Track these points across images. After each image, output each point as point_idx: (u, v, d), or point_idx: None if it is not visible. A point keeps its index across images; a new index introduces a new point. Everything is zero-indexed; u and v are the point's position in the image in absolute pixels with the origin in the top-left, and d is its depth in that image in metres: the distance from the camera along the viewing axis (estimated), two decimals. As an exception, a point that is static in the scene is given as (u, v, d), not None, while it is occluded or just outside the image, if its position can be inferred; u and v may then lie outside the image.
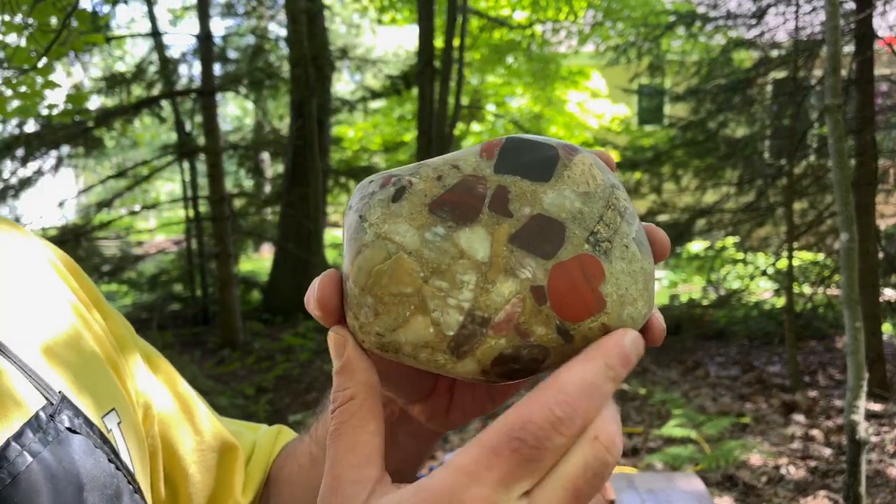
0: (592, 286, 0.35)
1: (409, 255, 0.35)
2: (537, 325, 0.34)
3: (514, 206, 0.35)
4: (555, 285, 0.34)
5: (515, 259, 0.34)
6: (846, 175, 2.63)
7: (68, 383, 0.47)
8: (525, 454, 0.31)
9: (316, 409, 0.62)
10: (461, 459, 0.32)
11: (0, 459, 0.39)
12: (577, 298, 0.34)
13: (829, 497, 3.34)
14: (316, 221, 6.86)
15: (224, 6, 9.24)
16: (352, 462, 0.35)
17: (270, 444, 0.68)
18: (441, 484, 0.31)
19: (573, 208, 0.36)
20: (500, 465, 0.31)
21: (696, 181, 6.69)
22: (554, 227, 0.35)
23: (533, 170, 0.37)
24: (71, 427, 0.44)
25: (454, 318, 0.34)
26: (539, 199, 0.36)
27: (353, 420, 0.36)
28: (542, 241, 0.35)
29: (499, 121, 10.10)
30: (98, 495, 0.43)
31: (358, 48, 18.53)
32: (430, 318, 0.34)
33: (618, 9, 8.38)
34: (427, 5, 6.31)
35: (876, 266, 4.78)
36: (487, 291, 0.34)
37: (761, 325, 6.64)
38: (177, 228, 9.92)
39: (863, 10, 4.61)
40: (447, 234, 0.35)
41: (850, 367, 2.61)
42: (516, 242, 0.35)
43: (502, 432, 0.31)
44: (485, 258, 0.34)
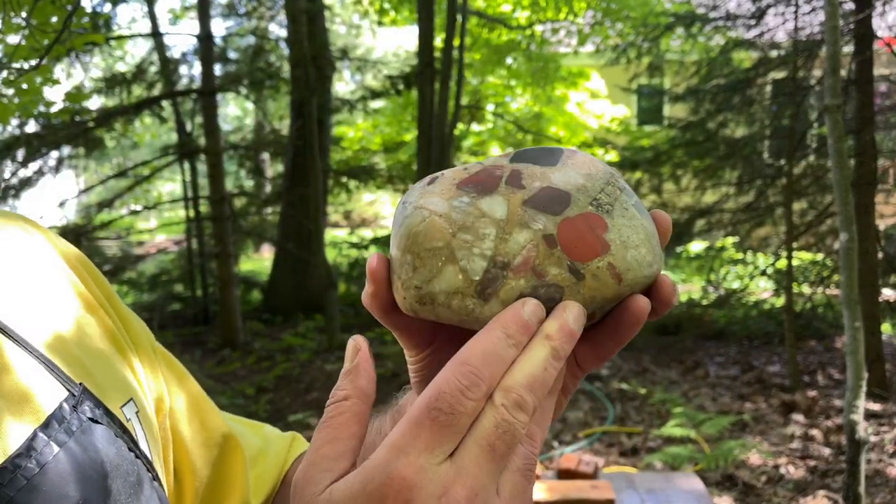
0: (597, 234, 0.40)
1: (439, 217, 0.41)
2: (551, 265, 0.40)
3: (527, 181, 0.42)
4: (564, 233, 0.40)
5: (528, 216, 0.40)
6: (846, 175, 2.64)
7: (86, 375, 0.49)
8: (442, 421, 0.35)
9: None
10: (391, 436, 0.35)
11: (28, 450, 0.40)
12: (584, 242, 0.40)
13: (829, 497, 3.34)
14: (316, 221, 6.86)
15: (224, 7, 9.24)
16: (327, 453, 0.38)
17: (285, 450, 0.69)
18: (376, 460, 0.35)
19: (577, 183, 0.42)
20: (422, 435, 0.35)
21: (695, 181, 6.69)
22: (561, 195, 0.41)
23: (542, 159, 0.44)
24: (93, 417, 0.45)
25: (478, 264, 0.40)
26: (548, 177, 0.42)
27: (341, 418, 0.39)
28: (551, 203, 0.41)
29: (499, 121, 10.10)
30: (121, 483, 0.45)
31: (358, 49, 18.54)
32: (458, 267, 0.40)
33: (617, 9, 8.38)
34: (427, 6, 6.32)
35: (875, 266, 4.78)
36: (506, 241, 0.40)
37: (761, 325, 6.64)
38: (177, 228, 9.93)
39: (862, 10, 4.61)
40: (471, 202, 0.41)
41: (849, 367, 2.62)
42: (529, 205, 0.41)
43: (422, 405, 0.35)
44: (503, 216, 0.40)
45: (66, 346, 0.49)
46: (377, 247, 9.29)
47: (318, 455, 0.38)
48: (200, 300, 8.41)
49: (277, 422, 4.87)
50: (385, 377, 5.70)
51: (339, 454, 0.38)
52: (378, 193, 13.42)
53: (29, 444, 0.40)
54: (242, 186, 10.70)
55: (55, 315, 0.50)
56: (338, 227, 14.16)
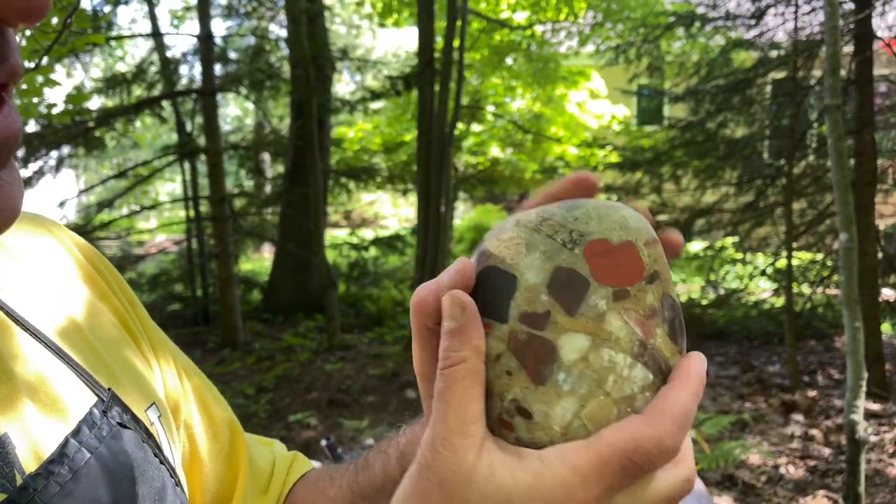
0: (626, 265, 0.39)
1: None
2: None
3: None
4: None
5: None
6: (845, 175, 2.64)
7: (114, 379, 0.49)
8: (630, 472, 0.35)
9: (357, 462, 0.64)
10: (576, 459, 0.35)
11: (61, 456, 0.41)
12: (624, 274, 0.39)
13: (829, 497, 3.34)
14: (316, 221, 6.86)
15: (225, 7, 9.24)
16: (463, 418, 0.36)
17: (284, 469, 0.69)
18: (557, 476, 0.35)
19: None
20: (608, 477, 0.35)
21: (695, 181, 6.69)
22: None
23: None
24: (121, 422, 0.46)
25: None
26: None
27: (465, 381, 0.37)
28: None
29: (499, 121, 10.10)
30: (147, 488, 0.45)
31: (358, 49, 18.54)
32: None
33: (617, 9, 8.38)
34: (427, 7, 6.32)
35: (875, 266, 4.78)
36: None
37: (761, 325, 6.64)
38: (177, 228, 9.93)
39: (862, 10, 4.61)
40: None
41: (849, 367, 2.62)
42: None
43: (615, 449, 0.35)
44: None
45: (94, 350, 0.50)
46: (377, 247, 9.29)
47: (451, 423, 0.36)
48: (200, 300, 8.41)
49: (277, 422, 4.87)
50: (385, 377, 5.70)
51: (473, 418, 0.37)
52: (378, 194, 13.42)
53: (61, 450, 0.41)
54: (242, 186, 10.71)
55: (82, 318, 0.51)
56: (338, 227, 14.17)
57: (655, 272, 0.39)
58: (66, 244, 0.55)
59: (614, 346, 0.36)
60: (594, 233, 0.38)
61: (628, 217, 0.39)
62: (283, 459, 0.70)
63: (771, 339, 6.45)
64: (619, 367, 0.36)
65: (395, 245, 9.11)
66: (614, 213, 0.39)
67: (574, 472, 0.35)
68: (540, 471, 0.35)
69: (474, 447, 0.36)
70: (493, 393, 0.38)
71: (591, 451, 0.35)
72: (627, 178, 7.47)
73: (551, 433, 0.37)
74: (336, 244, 9.61)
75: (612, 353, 0.36)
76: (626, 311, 0.37)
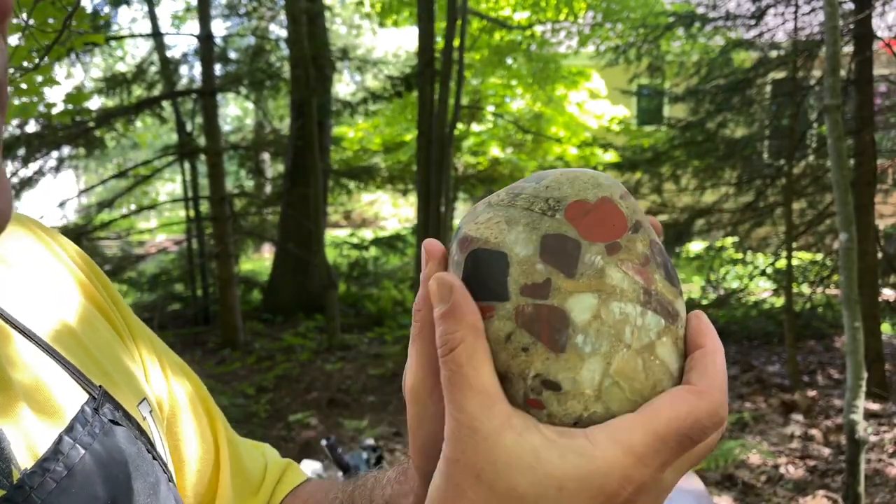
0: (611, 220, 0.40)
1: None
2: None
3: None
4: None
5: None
6: (845, 175, 2.64)
7: (104, 376, 0.50)
8: (686, 447, 0.35)
9: (354, 479, 0.62)
10: (630, 438, 0.34)
11: (56, 453, 0.41)
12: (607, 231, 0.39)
13: (829, 496, 3.34)
14: (316, 221, 6.86)
15: (225, 7, 9.24)
16: (483, 402, 0.34)
17: (276, 476, 0.68)
18: (610, 457, 0.34)
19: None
20: (665, 453, 0.34)
21: (695, 181, 6.69)
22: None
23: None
24: (113, 419, 0.46)
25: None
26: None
27: (472, 362, 0.35)
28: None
29: (499, 121, 10.10)
30: (142, 483, 0.46)
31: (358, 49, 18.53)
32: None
33: (617, 10, 8.38)
34: (427, 6, 6.32)
35: (875, 266, 4.78)
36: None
37: (760, 325, 6.64)
38: (177, 228, 9.94)
39: (862, 10, 4.62)
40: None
41: (849, 367, 2.62)
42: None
43: (674, 427, 0.34)
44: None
45: (84, 348, 0.50)
46: (377, 247, 9.30)
47: (472, 409, 0.34)
48: (200, 300, 8.41)
49: (277, 422, 4.87)
50: (385, 377, 5.70)
51: (494, 398, 0.35)
52: (378, 193, 13.42)
53: (56, 447, 0.41)
54: (242, 186, 10.70)
55: (71, 317, 0.51)
56: (338, 227, 14.17)
57: (637, 221, 0.39)
58: (49, 245, 0.55)
59: (621, 298, 0.36)
60: (569, 196, 0.38)
61: (597, 175, 0.39)
62: (276, 465, 0.69)
63: (771, 339, 6.45)
64: (632, 318, 0.36)
65: (395, 245, 9.12)
66: (582, 174, 0.39)
67: (629, 453, 0.34)
68: (590, 452, 0.34)
69: (507, 428, 0.34)
70: (512, 375, 0.36)
71: (648, 429, 0.34)
72: (627, 178, 7.47)
73: (584, 399, 0.35)
74: (336, 244, 9.61)
75: (621, 306, 0.36)
76: (622, 262, 0.37)
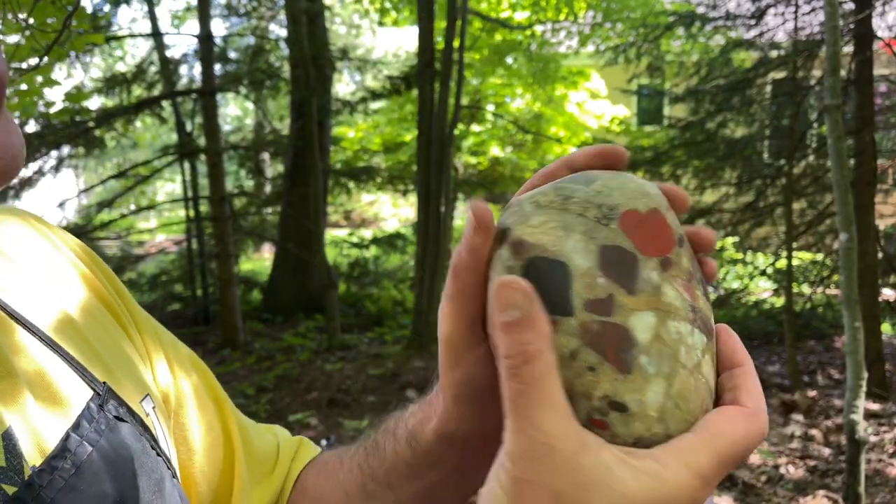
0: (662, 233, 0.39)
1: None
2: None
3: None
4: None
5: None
6: (845, 175, 2.64)
7: (108, 372, 0.49)
8: (731, 467, 0.35)
9: (366, 443, 0.60)
10: (697, 461, 0.34)
11: (63, 451, 0.41)
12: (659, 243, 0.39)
13: (829, 496, 3.34)
14: (316, 221, 6.86)
15: (225, 7, 9.24)
16: (561, 420, 0.33)
17: (290, 454, 0.67)
18: (682, 480, 0.34)
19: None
20: (720, 472, 0.35)
21: (695, 181, 6.69)
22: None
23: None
24: (118, 415, 0.46)
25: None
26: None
27: (549, 377, 0.33)
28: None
29: (499, 121, 10.10)
30: (147, 480, 0.45)
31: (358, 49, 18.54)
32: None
33: (617, 9, 8.38)
34: (427, 6, 6.32)
35: (875, 266, 4.78)
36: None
37: (761, 325, 6.64)
38: (177, 228, 9.94)
39: (862, 10, 4.61)
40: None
41: (849, 367, 2.62)
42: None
43: (733, 449, 0.35)
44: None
45: (87, 342, 0.50)
46: (377, 247, 9.29)
47: (547, 427, 0.33)
48: (200, 300, 8.41)
49: (277, 422, 4.86)
50: (385, 377, 5.70)
51: (568, 416, 0.34)
52: (378, 194, 13.42)
53: (63, 444, 0.41)
54: (242, 186, 10.70)
55: (74, 310, 0.51)
56: (338, 227, 14.17)
57: (682, 235, 0.38)
58: (51, 238, 0.55)
59: (675, 317, 0.35)
60: (621, 204, 0.36)
61: (643, 184, 0.38)
62: (289, 443, 0.68)
63: (771, 339, 6.45)
64: (685, 337, 0.35)
65: (395, 244, 9.12)
66: (628, 182, 0.38)
67: (697, 476, 0.34)
68: (662, 474, 0.33)
69: (586, 448, 0.33)
70: (576, 394, 0.35)
71: (712, 452, 0.34)
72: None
73: (648, 421, 0.35)
74: (336, 244, 9.61)
75: (676, 325, 0.35)
76: (673, 278, 0.36)
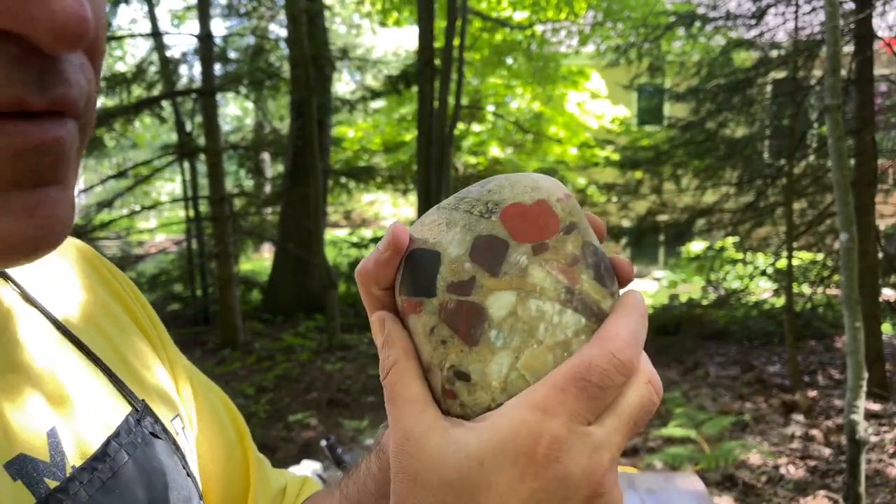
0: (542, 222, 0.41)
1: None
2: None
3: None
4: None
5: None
6: (846, 175, 2.64)
7: (145, 391, 0.52)
8: (591, 392, 0.35)
9: (349, 470, 0.64)
10: (531, 397, 0.35)
11: (103, 455, 0.44)
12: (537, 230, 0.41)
13: (829, 497, 3.34)
14: (316, 221, 6.86)
15: (225, 7, 9.24)
16: (413, 410, 0.38)
17: (296, 489, 0.71)
18: (515, 419, 0.35)
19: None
20: (569, 402, 0.35)
21: (695, 181, 6.69)
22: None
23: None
24: (153, 432, 0.49)
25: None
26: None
27: (404, 380, 0.39)
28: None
29: (499, 121, 10.09)
30: (177, 495, 0.48)
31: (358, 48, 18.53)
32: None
33: (618, 9, 8.38)
34: (427, 6, 6.31)
35: (875, 266, 4.78)
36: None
37: (761, 325, 6.64)
38: (177, 228, 9.93)
39: (862, 10, 4.61)
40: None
41: (849, 367, 2.62)
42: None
43: (569, 374, 0.35)
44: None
45: (126, 361, 0.52)
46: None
47: (404, 418, 0.38)
48: (200, 300, 8.41)
49: (277, 422, 4.87)
50: (379, 377, 5.70)
51: (422, 406, 0.38)
52: (378, 193, 13.42)
53: (104, 449, 0.44)
54: (242, 186, 10.70)
55: (117, 334, 0.54)
56: (338, 227, 14.17)
57: (572, 223, 0.40)
58: (100, 271, 0.58)
59: (540, 296, 0.37)
60: (508, 199, 0.39)
61: (538, 179, 0.40)
62: (295, 481, 0.73)
63: (771, 339, 6.45)
64: (549, 315, 0.37)
65: (395, 244, 9.10)
66: (525, 178, 0.40)
67: (532, 409, 0.35)
68: (499, 423, 0.35)
69: (434, 429, 0.36)
70: (433, 366, 0.39)
71: (545, 384, 0.35)
72: (628, 177, 7.47)
73: (491, 390, 0.37)
74: (336, 244, 9.61)
75: (539, 303, 0.37)
76: (546, 262, 0.38)
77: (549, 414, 0.34)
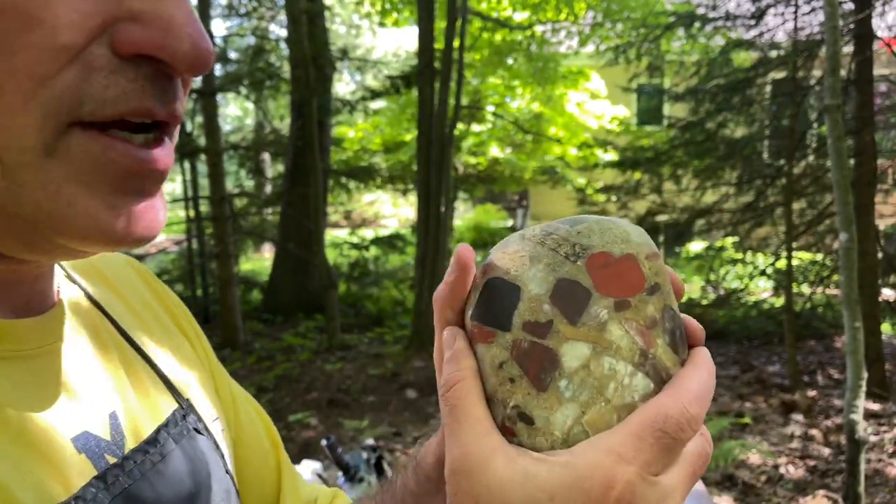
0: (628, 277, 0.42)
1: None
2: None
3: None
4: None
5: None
6: (845, 175, 2.64)
7: (190, 392, 0.56)
8: (665, 443, 0.36)
9: (383, 485, 0.64)
10: (608, 441, 0.36)
11: (155, 440, 0.48)
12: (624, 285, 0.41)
13: (829, 496, 3.34)
14: (316, 221, 6.86)
15: (225, 7, 9.24)
16: (477, 432, 0.38)
17: (328, 501, 0.73)
18: (592, 460, 0.36)
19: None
20: (644, 451, 0.36)
21: (695, 181, 6.69)
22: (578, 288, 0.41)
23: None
24: (196, 428, 0.53)
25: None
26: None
27: (469, 398, 0.39)
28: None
29: (499, 121, 10.10)
30: (219, 486, 0.52)
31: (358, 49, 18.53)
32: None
33: (617, 10, 8.38)
34: (427, 6, 6.31)
35: (875, 266, 4.78)
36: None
37: (760, 325, 6.64)
38: (177, 228, 9.93)
39: (862, 10, 4.62)
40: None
41: (849, 367, 2.62)
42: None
43: (646, 423, 0.36)
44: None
45: (174, 364, 0.57)
46: (377, 247, 9.29)
47: (467, 438, 0.38)
48: (200, 300, 8.41)
49: (277, 422, 4.87)
50: (385, 377, 5.70)
51: (487, 429, 0.38)
52: (378, 193, 13.42)
53: (155, 435, 0.49)
54: (242, 186, 10.70)
55: (166, 340, 0.58)
56: (338, 227, 14.16)
57: (656, 284, 0.39)
58: (151, 285, 0.63)
59: (615, 355, 0.37)
60: (596, 246, 0.39)
61: (630, 231, 0.40)
62: (327, 493, 0.74)
63: (771, 339, 6.45)
64: (620, 375, 0.37)
65: (395, 244, 9.12)
66: (616, 227, 0.40)
67: (609, 453, 0.36)
68: (573, 461, 0.36)
69: (499, 453, 0.37)
70: (496, 400, 0.39)
71: (623, 430, 0.36)
72: (628, 177, 7.47)
73: (552, 438, 0.37)
74: (336, 244, 9.61)
75: (612, 362, 0.37)
76: (626, 320, 0.38)
77: (625, 460, 0.35)
